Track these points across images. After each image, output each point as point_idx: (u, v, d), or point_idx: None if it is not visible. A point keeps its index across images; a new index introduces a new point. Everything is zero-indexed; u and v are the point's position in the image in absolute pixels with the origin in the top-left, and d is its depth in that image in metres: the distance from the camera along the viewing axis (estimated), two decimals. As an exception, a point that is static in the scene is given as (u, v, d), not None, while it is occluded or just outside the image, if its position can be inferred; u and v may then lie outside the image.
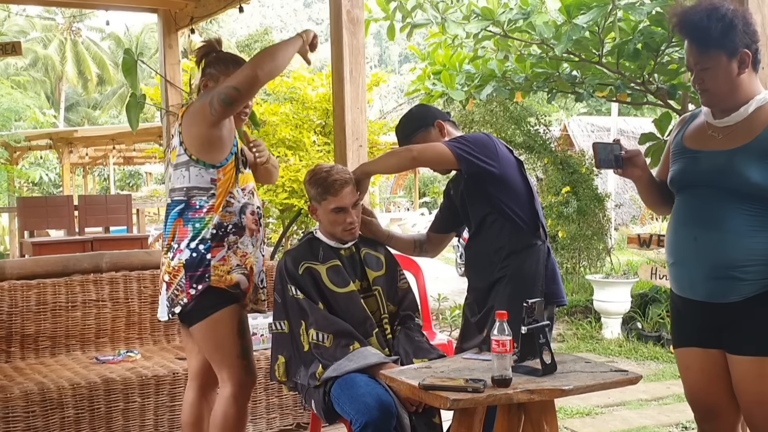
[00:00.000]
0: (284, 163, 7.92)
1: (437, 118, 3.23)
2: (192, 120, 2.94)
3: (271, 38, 37.82)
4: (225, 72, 2.97)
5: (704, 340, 2.53)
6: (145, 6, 6.77)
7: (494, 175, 3.02)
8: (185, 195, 2.97)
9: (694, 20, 2.44)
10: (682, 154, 2.57)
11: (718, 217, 2.42)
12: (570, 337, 7.67)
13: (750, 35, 2.43)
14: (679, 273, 2.55)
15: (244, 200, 3.02)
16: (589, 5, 6.06)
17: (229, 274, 2.95)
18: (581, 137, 19.08)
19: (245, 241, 3.00)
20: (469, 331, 3.24)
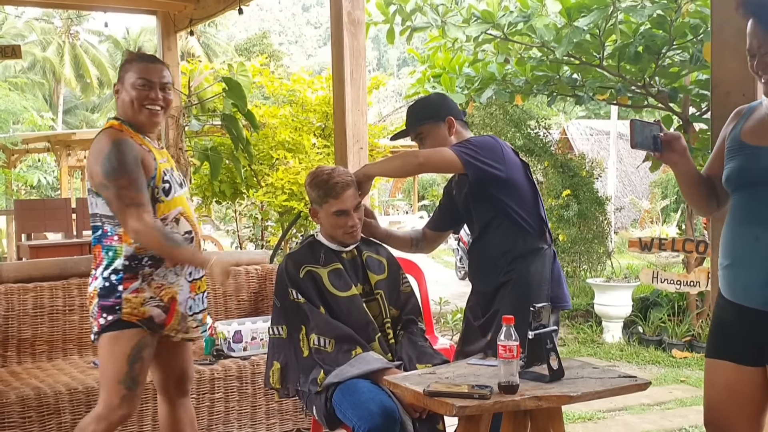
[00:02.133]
0: (284, 166, 7.89)
1: (450, 114, 3.16)
2: (93, 157, 2.85)
3: (270, 42, 37.82)
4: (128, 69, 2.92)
5: (743, 355, 2.32)
6: (144, 8, 6.73)
7: (501, 179, 2.97)
8: (99, 220, 2.91)
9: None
10: (740, 150, 2.34)
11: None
12: (571, 341, 7.63)
13: None
14: (733, 276, 2.33)
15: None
16: (590, 8, 6.05)
17: (143, 306, 2.87)
18: (580, 141, 19.07)
19: (163, 273, 2.90)
20: (471, 334, 3.20)
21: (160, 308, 2.90)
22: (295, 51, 63.67)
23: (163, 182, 2.90)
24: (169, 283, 2.92)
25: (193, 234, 3.00)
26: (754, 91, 2.59)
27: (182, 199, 3.00)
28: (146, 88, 2.90)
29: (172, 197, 2.93)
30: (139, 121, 2.93)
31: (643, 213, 14.40)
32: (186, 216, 2.99)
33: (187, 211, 3.00)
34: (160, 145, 3.06)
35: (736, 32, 2.63)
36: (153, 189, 2.87)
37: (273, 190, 7.76)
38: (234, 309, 4.75)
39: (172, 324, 2.94)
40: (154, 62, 2.98)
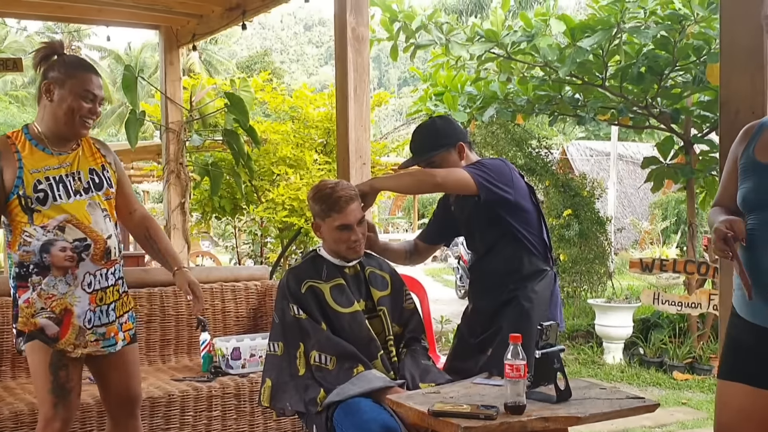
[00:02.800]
0: (285, 182, 7.86)
1: (460, 139, 3.19)
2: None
3: (271, 60, 37.96)
4: (73, 76, 2.84)
5: (759, 378, 2.27)
6: (147, 23, 6.73)
7: (509, 202, 3.02)
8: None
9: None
10: (755, 170, 2.28)
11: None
12: (571, 362, 7.57)
13: None
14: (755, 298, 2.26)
15: (47, 238, 2.80)
16: (594, 28, 6.05)
17: (33, 317, 2.81)
18: (580, 161, 19.07)
19: (52, 282, 2.81)
20: (465, 350, 3.21)
21: (51, 320, 2.81)
22: (297, 69, 63.92)
23: (36, 191, 2.80)
24: (60, 293, 2.82)
25: (88, 242, 2.86)
26: (763, 109, 2.57)
27: (76, 205, 2.87)
28: (90, 102, 2.88)
29: (51, 205, 2.81)
30: (65, 131, 2.88)
31: (644, 234, 14.39)
32: (75, 223, 2.85)
33: (80, 217, 2.86)
34: (69, 148, 2.94)
35: (745, 51, 2.62)
36: (23, 198, 2.79)
37: (273, 206, 7.72)
38: (233, 325, 4.70)
39: (67, 338, 2.84)
40: (97, 74, 2.95)
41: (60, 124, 2.86)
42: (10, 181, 2.79)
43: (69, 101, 2.83)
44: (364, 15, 4.57)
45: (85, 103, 2.85)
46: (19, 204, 2.80)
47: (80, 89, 2.85)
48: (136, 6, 6.04)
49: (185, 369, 4.31)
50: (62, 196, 2.85)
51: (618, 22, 5.85)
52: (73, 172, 2.91)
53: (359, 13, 4.53)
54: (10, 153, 2.81)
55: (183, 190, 6.82)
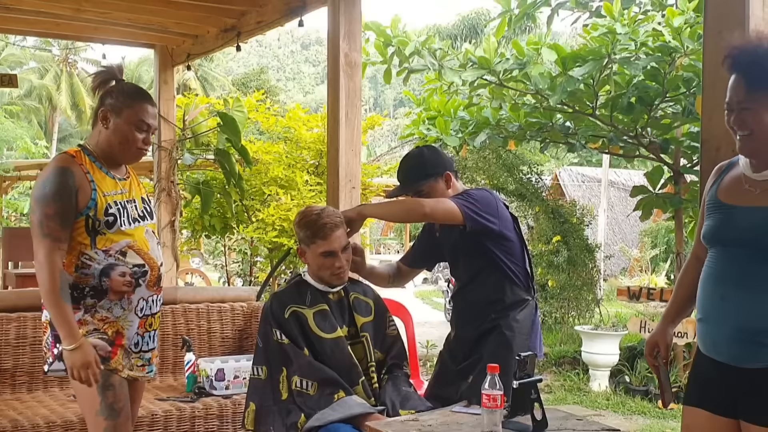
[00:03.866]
0: (275, 202, 7.89)
1: (447, 169, 3.24)
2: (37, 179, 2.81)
3: (267, 77, 38.08)
4: (130, 105, 2.83)
5: (717, 406, 2.33)
6: (143, 41, 6.78)
7: (494, 232, 3.08)
8: None
9: (752, 54, 2.23)
10: (717, 209, 2.36)
11: (750, 277, 2.22)
12: (557, 389, 7.58)
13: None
14: (704, 330, 2.36)
15: (108, 262, 2.79)
16: (585, 58, 6.10)
17: (86, 337, 2.76)
18: (572, 187, 19.15)
19: (107, 305, 2.80)
20: (447, 376, 3.25)
21: (104, 341, 2.80)
22: (293, 87, 64.13)
23: (107, 215, 2.79)
24: (114, 316, 2.82)
25: (146, 268, 2.88)
26: (743, 148, 2.60)
27: (136, 231, 2.88)
28: (144, 132, 2.87)
29: (117, 230, 2.81)
30: (119, 158, 2.89)
31: (633, 261, 14.42)
32: (137, 249, 2.86)
33: (140, 243, 2.88)
34: (125, 175, 2.96)
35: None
36: (92, 220, 2.76)
37: (263, 226, 7.75)
38: (218, 346, 4.71)
39: (117, 358, 2.83)
40: (153, 104, 2.93)
41: (114, 151, 2.86)
42: (84, 202, 2.75)
43: (124, 131, 2.83)
44: (357, 41, 4.63)
45: (139, 134, 2.85)
46: (85, 226, 2.76)
47: (136, 119, 2.83)
48: (132, 25, 6.10)
49: (169, 389, 4.32)
50: (126, 222, 2.85)
51: (609, 52, 5.91)
52: (130, 199, 2.92)
53: (352, 39, 4.59)
54: (81, 173, 2.77)
55: (174, 208, 6.85)
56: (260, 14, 5.57)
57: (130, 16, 5.88)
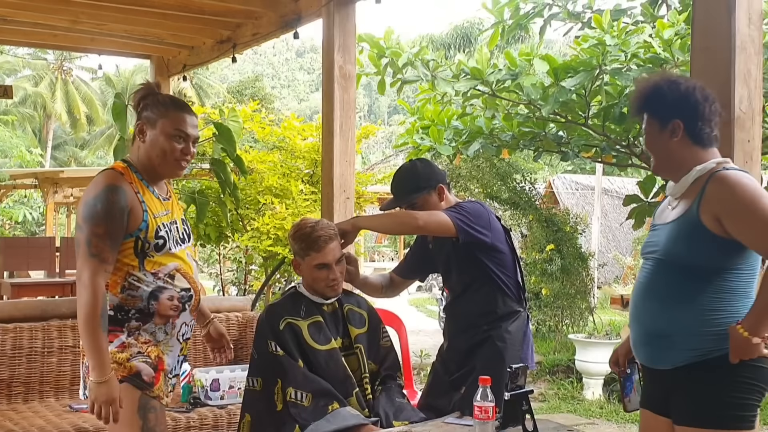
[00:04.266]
0: (270, 211, 7.91)
1: (440, 181, 3.29)
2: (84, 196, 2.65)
3: (262, 85, 38.14)
4: (164, 115, 2.72)
5: (654, 405, 2.56)
6: (139, 52, 6.82)
7: (486, 244, 3.13)
8: None
9: (642, 88, 2.58)
10: (651, 228, 2.63)
11: (655, 286, 2.48)
12: (551, 397, 7.62)
13: (687, 107, 2.45)
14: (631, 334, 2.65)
15: (157, 284, 2.69)
16: (577, 69, 6.15)
17: (129, 361, 2.63)
18: (566, 195, 19.21)
19: (151, 329, 2.69)
20: (440, 387, 3.29)
21: (148, 364, 2.66)
22: (288, 95, 64.21)
23: (157, 237, 2.69)
24: (156, 341, 2.70)
25: (191, 292, 2.79)
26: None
27: (182, 254, 2.79)
28: (182, 142, 2.74)
29: (166, 253, 2.72)
30: (159, 171, 2.77)
31: (626, 269, 14.48)
32: (183, 272, 2.78)
33: (186, 267, 2.80)
34: (167, 194, 2.85)
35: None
36: (141, 242, 2.66)
37: (258, 234, 7.77)
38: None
39: (159, 384, 2.70)
40: (191, 113, 2.81)
41: (154, 164, 2.74)
42: (135, 224, 2.64)
43: (160, 142, 2.71)
44: (351, 53, 4.68)
45: (177, 144, 2.72)
46: (134, 247, 2.65)
47: (171, 128, 2.72)
48: (129, 36, 6.15)
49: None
50: (174, 245, 2.76)
51: (600, 63, 5.96)
52: (174, 220, 2.82)
53: (347, 52, 4.65)
54: (132, 193, 2.66)
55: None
56: (256, 26, 5.63)
57: (126, 28, 5.93)
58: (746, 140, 2.68)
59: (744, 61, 2.68)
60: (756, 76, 2.72)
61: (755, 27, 2.72)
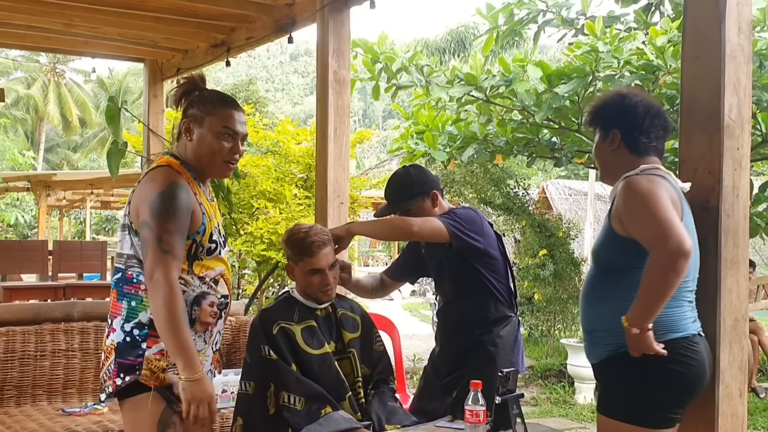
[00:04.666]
0: (264, 215, 7.92)
1: (434, 188, 3.32)
2: (143, 192, 2.51)
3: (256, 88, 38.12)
4: (212, 113, 2.59)
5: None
6: (133, 56, 6.83)
7: (479, 250, 3.16)
8: (123, 263, 2.56)
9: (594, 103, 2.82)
10: None
11: (587, 286, 2.70)
12: (543, 401, 7.64)
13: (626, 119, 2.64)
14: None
15: (202, 289, 2.58)
16: (570, 75, 6.19)
17: (164, 372, 2.49)
18: (559, 200, 19.26)
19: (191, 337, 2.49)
20: (431, 391, 3.32)
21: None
22: (282, 98, 64.19)
23: (210, 242, 2.60)
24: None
25: (228, 299, 2.72)
26: (719, 169, 2.68)
27: (225, 259, 2.71)
28: (231, 140, 2.62)
29: (215, 257, 2.63)
30: (208, 171, 2.66)
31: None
32: (226, 278, 2.70)
33: (228, 272, 2.71)
34: (211, 196, 2.75)
35: (703, 113, 2.74)
36: (196, 246, 2.55)
37: (252, 239, 7.78)
38: (207, 360, 4.74)
39: None
40: (239, 109, 2.67)
41: (202, 164, 2.62)
42: (195, 225, 2.54)
43: (209, 140, 2.59)
44: (345, 59, 4.70)
45: (225, 143, 2.60)
46: (188, 249, 2.53)
47: (219, 126, 2.59)
48: (122, 40, 6.15)
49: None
50: (221, 249, 2.68)
51: (593, 70, 6.00)
52: (219, 222, 2.72)
53: (341, 57, 4.66)
54: (191, 192, 2.54)
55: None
56: (250, 30, 5.64)
57: (120, 31, 5.94)
58: (735, 148, 2.70)
59: (734, 70, 2.71)
60: (745, 85, 2.75)
61: (745, 36, 2.75)
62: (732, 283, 2.69)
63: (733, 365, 2.68)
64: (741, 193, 2.73)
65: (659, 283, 2.32)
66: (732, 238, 2.70)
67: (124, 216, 2.60)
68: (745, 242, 2.76)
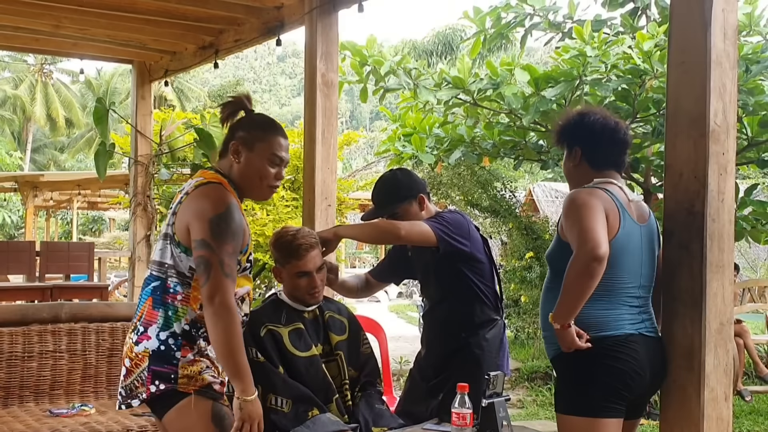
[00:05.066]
0: (251, 217, 7.93)
1: (420, 191, 3.34)
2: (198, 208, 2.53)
3: (243, 89, 38.08)
4: (262, 139, 2.64)
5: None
6: (121, 57, 6.82)
7: (465, 254, 3.19)
8: (163, 272, 2.58)
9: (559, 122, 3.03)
10: None
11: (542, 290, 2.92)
12: (530, 404, 7.66)
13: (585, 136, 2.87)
14: None
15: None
16: (557, 79, 6.22)
17: (201, 374, 2.53)
18: (546, 203, 19.34)
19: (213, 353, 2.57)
20: (417, 393, 3.34)
21: (214, 378, 2.57)
22: (269, 99, 64.13)
23: (247, 261, 2.66)
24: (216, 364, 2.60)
25: (246, 318, 2.77)
26: (704, 173, 2.71)
27: (251, 278, 2.77)
28: (277, 167, 2.69)
29: (244, 275, 2.68)
30: (250, 193, 2.71)
31: (605, 277, 14.55)
32: (250, 298, 2.76)
33: (252, 291, 2.77)
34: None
35: (688, 117, 2.77)
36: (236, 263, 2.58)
37: (239, 241, 7.78)
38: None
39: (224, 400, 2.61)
40: (285, 136, 2.74)
41: (246, 186, 2.68)
42: (244, 244, 2.60)
43: (258, 165, 2.64)
44: (333, 61, 4.71)
45: (272, 169, 2.66)
46: None
47: (269, 153, 2.65)
48: (111, 41, 6.14)
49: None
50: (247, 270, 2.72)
51: (580, 74, 6.03)
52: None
53: (329, 60, 4.67)
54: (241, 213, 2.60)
55: (149, 222, 6.87)
56: (238, 33, 5.65)
57: (108, 33, 5.93)
58: (721, 153, 2.73)
59: (719, 76, 2.74)
60: (731, 90, 2.77)
61: (730, 42, 2.78)
62: (717, 287, 2.71)
63: (719, 369, 2.70)
64: (726, 198, 2.75)
65: (575, 283, 2.54)
66: (717, 242, 2.72)
67: (166, 226, 2.61)
68: (730, 246, 2.78)
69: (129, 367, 2.57)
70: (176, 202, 2.62)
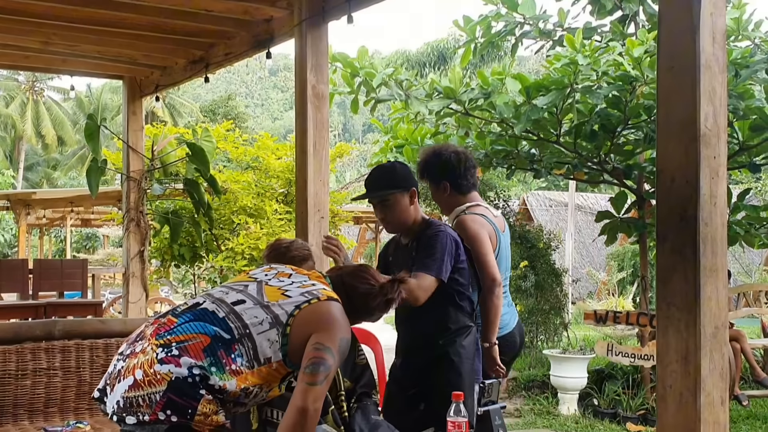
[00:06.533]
0: (245, 231, 7.92)
1: (413, 185, 3.33)
2: (333, 321, 2.53)
3: (235, 104, 38.09)
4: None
5: None
6: (112, 73, 6.82)
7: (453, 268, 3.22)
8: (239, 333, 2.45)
9: (420, 161, 3.72)
10: None
11: None
12: (527, 413, 7.64)
13: (448, 171, 3.59)
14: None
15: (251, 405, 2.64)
16: (548, 87, 6.23)
17: (216, 414, 2.36)
18: (539, 211, 19.37)
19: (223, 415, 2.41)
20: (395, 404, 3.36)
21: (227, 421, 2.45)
22: (261, 113, 64.18)
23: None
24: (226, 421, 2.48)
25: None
26: (696, 179, 2.71)
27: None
28: None
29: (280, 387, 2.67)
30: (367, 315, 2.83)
31: (600, 285, 14.59)
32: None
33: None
34: None
35: (679, 123, 2.77)
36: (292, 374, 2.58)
37: (233, 254, 7.78)
38: (189, 376, 4.71)
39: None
40: None
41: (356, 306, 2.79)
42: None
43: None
44: (324, 73, 4.72)
45: None
46: (284, 377, 2.59)
47: None
48: (101, 57, 6.15)
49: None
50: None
51: (571, 82, 6.05)
52: None
53: (319, 72, 4.68)
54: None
55: (142, 238, 6.86)
56: (228, 46, 5.65)
57: (99, 49, 5.93)
58: (712, 157, 2.72)
59: (709, 80, 2.74)
60: (721, 94, 2.78)
61: (719, 46, 2.78)
62: (711, 291, 2.71)
63: (714, 373, 2.69)
64: (718, 202, 2.75)
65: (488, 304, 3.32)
66: (710, 246, 2.71)
67: (285, 314, 2.51)
68: (723, 250, 2.78)
69: (139, 379, 2.35)
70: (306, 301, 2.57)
